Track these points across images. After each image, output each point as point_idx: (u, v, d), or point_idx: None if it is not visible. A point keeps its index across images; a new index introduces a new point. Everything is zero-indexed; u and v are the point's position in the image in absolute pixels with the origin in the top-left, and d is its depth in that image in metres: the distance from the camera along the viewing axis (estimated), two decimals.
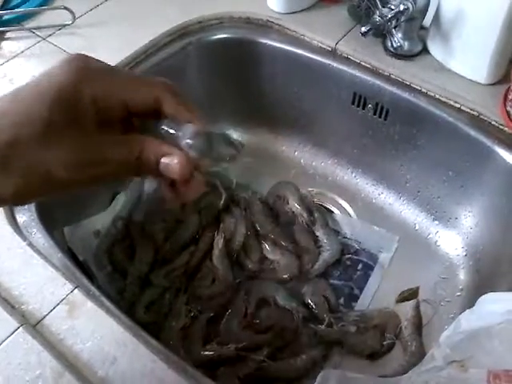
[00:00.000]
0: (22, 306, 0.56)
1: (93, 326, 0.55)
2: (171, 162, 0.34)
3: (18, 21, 0.89)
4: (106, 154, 0.34)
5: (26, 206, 0.66)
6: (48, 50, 0.85)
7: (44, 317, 0.55)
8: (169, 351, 0.54)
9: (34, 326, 0.54)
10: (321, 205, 0.92)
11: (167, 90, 0.36)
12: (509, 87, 0.73)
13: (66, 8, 0.86)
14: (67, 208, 0.73)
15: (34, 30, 0.88)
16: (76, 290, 0.57)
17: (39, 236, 0.63)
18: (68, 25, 0.88)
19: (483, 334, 0.49)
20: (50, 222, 0.67)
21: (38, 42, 0.87)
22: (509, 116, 0.72)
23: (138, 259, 0.79)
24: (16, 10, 0.90)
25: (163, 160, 0.34)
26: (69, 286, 0.58)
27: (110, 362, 0.52)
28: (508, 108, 0.72)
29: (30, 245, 0.62)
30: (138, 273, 0.77)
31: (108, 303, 0.57)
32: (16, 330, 0.53)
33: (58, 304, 0.56)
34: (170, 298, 0.76)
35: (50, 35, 0.87)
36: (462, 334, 0.50)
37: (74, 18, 0.87)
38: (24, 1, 0.92)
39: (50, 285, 0.58)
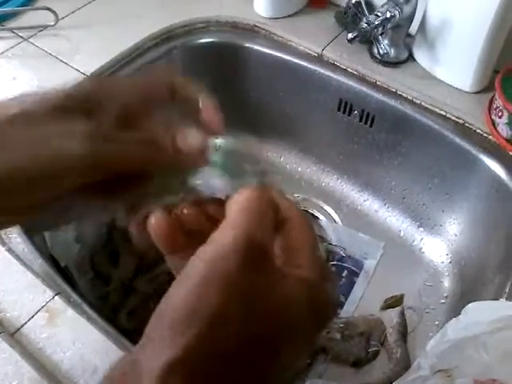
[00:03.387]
0: (0, 314, 0.54)
1: (73, 335, 0.53)
2: None
3: (0, 21, 0.87)
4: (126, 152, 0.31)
5: None
6: (30, 51, 0.83)
7: (23, 325, 0.54)
8: None
9: (12, 334, 0.53)
10: (306, 211, 0.91)
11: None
12: (493, 95, 0.73)
13: (48, 9, 0.85)
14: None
15: (15, 31, 0.86)
16: (56, 297, 0.56)
17: (19, 241, 0.62)
18: (51, 26, 0.86)
19: (469, 344, 0.48)
20: (31, 226, 0.65)
21: (20, 42, 0.85)
22: (493, 124, 0.73)
23: (121, 265, 0.77)
24: None
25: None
26: (49, 293, 0.56)
27: (91, 371, 0.51)
28: (493, 116, 0.73)
29: (9, 250, 0.60)
30: (120, 279, 0.76)
31: (89, 310, 0.56)
32: None
33: (38, 311, 0.55)
34: (153, 305, 0.75)
35: (31, 36, 0.86)
36: (448, 343, 0.50)
37: (57, 19, 0.86)
38: (6, 1, 0.90)
39: (30, 292, 0.56)
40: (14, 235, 0.62)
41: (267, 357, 0.26)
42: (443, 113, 0.76)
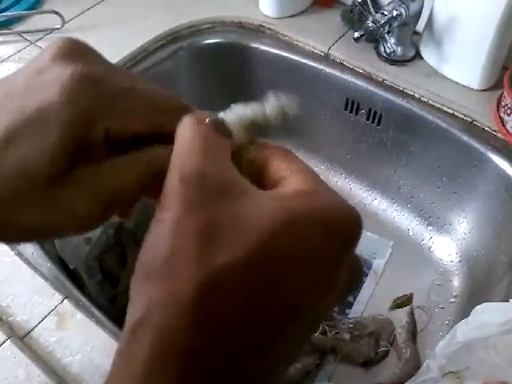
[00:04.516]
0: (10, 318, 0.55)
1: (82, 338, 0.53)
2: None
3: (7, 24, 0.88)
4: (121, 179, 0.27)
5: None
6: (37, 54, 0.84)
7: (32, 329, 0.54)
8: None
9: (21, 338, 0.53)
10: None
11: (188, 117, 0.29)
12: (502, 93, 0.72)
13: (55, 12, 0.85)
14: None
15: (22, 34, 0.87)
16: (65, 301, 0.56)
17: (28, 245, 0.62)
18: (57, 29, 0.86)
19: (479, 345, 0.48)
20: None
21: (27, 46, 0.85)
22: (502, 122, 0.72)
23: (129, 267, 0.78)
24: (4, 13, 0.88)
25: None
26: (58, 297, 0.57)
27: (100, 374, 0.51)
28: (501, 114, 0.72)
29: (19, 254, 0.61)
30: (129, 281, 0.76)
31: (98, 314, 0.56)
32: (3, 342, 0.52)
33: (47, 315, 0.55)
34: None
35: (39, 39, 0.86)
36: (458, 344, 0.50)
37: (64, 22, 0.86)
38: (13, 4, 0.91)
39: (39, 295, 0.57)
40: None
41: (261, 302, 0.22)
42: (451, 111, 0.75)
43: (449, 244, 0.84)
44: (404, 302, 0.79)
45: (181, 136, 0.26)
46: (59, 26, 0.86)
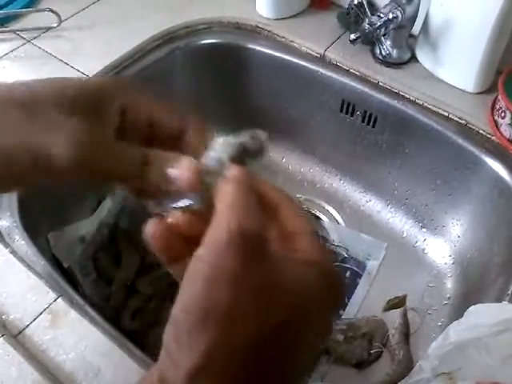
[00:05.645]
0: (3, 316, 0.55)
1: (76, 336, 0.53)
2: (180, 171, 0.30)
3: (3, 22, 0.88)
4: (113, 162, 0.31)
5: (9, 212, 0.65)
6: (33, 52, 0.84)
7: (26, 327, 0.54)
8: (154, 362, 0.53)
9: (15, 336, 0.53)
10: (308, 211, 0.91)
11: (196, 125, 0.34)
12: (496, 96, 0.73)
13: (51, 10, 0.85)
14: (51, 214, 0.71)
15: (18, 32, 0.87)
16: (59, 299, 0.56)
17: (22, 243, 0.62)
18: (54, 27, 0.86)
19: (472, 346, 0.48)
20: (34, 228, 0.66)
21: (23, 44, 0.85)
22: (496, 125, 0.73)
23: (123, 266, 0.77)
24: (0, 11, 0.88)
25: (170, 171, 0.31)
26: (52, 295, 0.56)
27: (93, 373, 0.51)
28: (495, 117, 0.73)
29: (13, 252, 0.60)
30: (123, 280, 0.76)
31: (92, 312, 0.56)
32: None
33: (41, 313, 0.55)
34: (155, 306, 0.75)
35: (35, 37, 0.86)
36: (451, 345, 0.50)
37: (60, 21, 0.86)
38: (8, 2, 0.90)
39: (33, 293, 0.56)
40: (17, 237, 0.62)
41: (289, 344, 0.26)
42: (446, 113, 0.76)
43: (442, 246, 0.84)
44: (397, 303, 0.79)
45: (228, 194, 0.27)
46: (55, 25, 0.86)
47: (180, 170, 0.30)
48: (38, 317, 0.55)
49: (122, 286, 0.76)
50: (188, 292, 0.25)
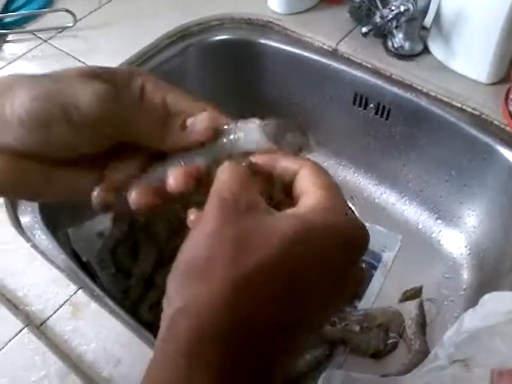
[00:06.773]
0: (27, 307, 0.56)
1: (97, 327, 0.55)
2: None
3: (20, 23, 0.89)
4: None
5: (30, 208, 0.66)
6: (49, 52, 0.85)
7: (48, 318, 0.55)
8: None
9: (38, 326, 0.55)
10: None
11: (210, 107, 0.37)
12: (510, 86, 0.73)
13: (67, 10, 0.86)
14: (70, 209, 0.73)
15: (35, 33, 0.88)
16: (80, 291, 0.58)
17: (43, 237, 0.64)
18: (69, 27, 0.88)
19: (486, 334, 0.49)
20: (54, 223, 0.67)
21: (40, 44, 0.87)
22: (510, 115, 0.72)
23: (141, 259, 0.79)
24: (17, 12, 0.90)
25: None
26: (72, 287, 0.58)
27: (114, 363, 0.52)
28: (510, 107, 0.72)
29: (34, 246, 0.62)
30: (141, 273, 0.77)
31: (112, 304, 0.58)
32: (20, 330, 0.54)
33: (62, 305, 0.56)
34: None
35: (51, 37, 0.88)
36: (466, 333, 0.50)
37: (76, 21, 0.87)
38: (25, 3, 0.92)
39: (54, 286, 0.58)
40: (39, 232, 0.64)
41: (276, 286, 0.27)
42: (459, 105, 0.76)
43: (458, 237, 0.84)
44: (413, 294, 0.80)
45: (221, 173, 0.32)
46: (71, 25, 0.88)
47: (200, 117, 0.35)
48: (59, 308, 0.56)
49: (140, 280, 0.77)
50: (181, 252, 0.30)
